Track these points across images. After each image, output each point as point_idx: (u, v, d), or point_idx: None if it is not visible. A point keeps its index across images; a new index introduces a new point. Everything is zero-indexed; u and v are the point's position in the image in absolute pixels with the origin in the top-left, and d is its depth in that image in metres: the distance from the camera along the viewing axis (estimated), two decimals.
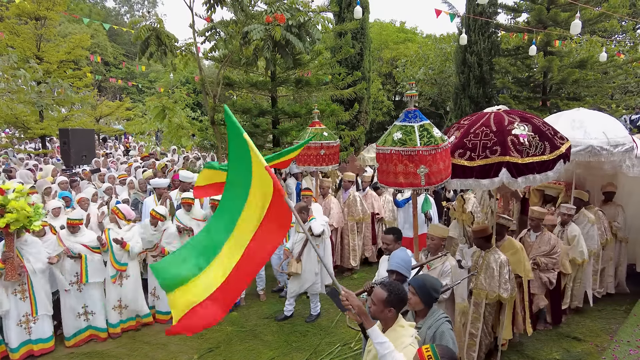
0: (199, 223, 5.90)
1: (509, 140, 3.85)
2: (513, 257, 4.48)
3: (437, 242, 4.09)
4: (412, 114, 3.81)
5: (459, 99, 15.58)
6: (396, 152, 3.66)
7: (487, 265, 4.27)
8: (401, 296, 2.50)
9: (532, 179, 3.83)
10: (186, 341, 5.22)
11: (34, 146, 18.43)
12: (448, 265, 3.96)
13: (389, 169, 3.76)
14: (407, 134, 3.68)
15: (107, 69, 33.35)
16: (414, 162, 3.60)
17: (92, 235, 5.20)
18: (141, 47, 7.31)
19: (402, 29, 27.24)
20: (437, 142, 3.60)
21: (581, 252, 5.36)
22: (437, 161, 3.60)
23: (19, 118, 12.90)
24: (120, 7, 49.54)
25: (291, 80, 9.14)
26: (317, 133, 6.37)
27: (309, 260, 5.46)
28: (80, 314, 5.10)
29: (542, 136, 3.95)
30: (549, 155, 3.87)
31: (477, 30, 14.71)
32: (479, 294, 4.30)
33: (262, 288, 6.39)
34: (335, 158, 6.59)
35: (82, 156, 10.08)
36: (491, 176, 3.83)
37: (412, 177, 3.64)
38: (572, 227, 5.45)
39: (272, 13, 6.71)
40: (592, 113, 5.61)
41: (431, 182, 3.65)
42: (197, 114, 18.51)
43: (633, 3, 18.86)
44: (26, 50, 13.12)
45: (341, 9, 13.33)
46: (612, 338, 4.97)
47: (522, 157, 3.80)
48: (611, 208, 6.11)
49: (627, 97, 16.06)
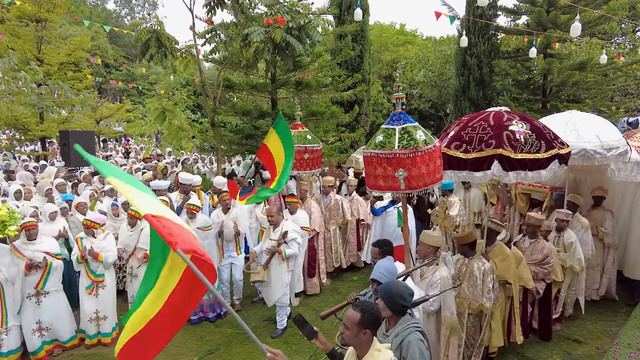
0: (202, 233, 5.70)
1: (504, 135, 3.86)
2: (502, 263, 4.36)
3: (426, 249, 3.94)
4: (397, 117, 3.74)
5: (459, 101, 15.59)
6: (375, 155, 3.62)
7: (471, 273, 4.13)
8: (376, 315, 2.30)
9: (524, 175, 3.81)
10: (186, 343, 5.21)
11: (34, 148, 18.44)
12: (438, 276, 3.81)
13: (370, 172, 3.73)
14: (388, 136, 3.63)
15: (108, 71, 33.40)
16: (392, 165, 3.53)
17: (52, 242, 4.92)
18: (141, 49, 7.32)
19: (402, 31, 27.32)
20: (417, 145, 3.48)
21: (579, 260, 5.21)
22: (418, 165, 3.49)
23: (19, 120, 12.89)
24: (121, 9, 49.66)
25: (291, 82, 9.16)
26: (299, 136, 6.10)
27: (280, 271, 5.22)
28: (34, 330, 4.73)
29: (539, 135, 3.93)
30: (543, 153, 3.84)
31: (477, 33, 14.73)
32: (461, 303, 4.17)
33: (238, 297, 6.13)
34: (319, 162, 6.39)
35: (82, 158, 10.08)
36: (484, 169, 3.82)
37: (391, 180, 3.57)
38: (569, 233, 5.28)
39: (272, 15, 6.73)
40: (585, 116, 5.53)
41: (412, 187, 3.55)
42: (198, 116, 18.54)
43: (633, 5, 18.92)
44: (27, 52, 13.13)
45: (341, 11, 13.36)
46: (612, 340, 4.96)
47: (515, 152, 3.78)
48: (599, 213, 5.94)
49: (627, 99, 16.07)
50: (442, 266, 3.91)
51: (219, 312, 5.79)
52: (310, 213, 6.46)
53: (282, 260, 5.21)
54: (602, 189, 5.93)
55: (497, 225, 4.58)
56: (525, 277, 4.49)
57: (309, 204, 6.63)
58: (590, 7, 12.71)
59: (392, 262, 3.33)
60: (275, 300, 5.29)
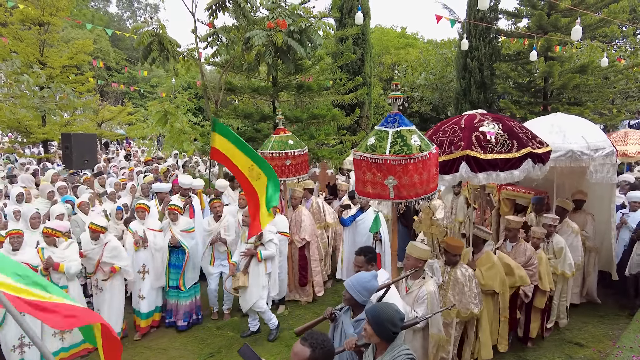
0: (156, 234, 5.51)
1: (473, 136, 3.77)
2: (489, 272, 4.19)
3: (414, 263, 3.57)
4: (392, 118, 3.46)
5: (460, 104, 15.61)
6: (365, 159, 3.34)
7: (455, 280, 3.97)
8: (328, 351, 2.00)
9: (495, 176, 3.70)
10: (187, 346, 5.22)
11: (36, 151, 18.50)
12: (424, 291, 3.49)
13: (359, 177, 3.49)
14: (380, 139, 3.35)
15: (110, 74, 33.51)
16: (381, 172, 3.25)
17: (32, 252, 4.64)
18: (143, 52, 7.35)
19: (403, 35, 27.40)
20: (410, 152, 3.19)
21: (570, 265, 5.10)
22: (410, 173, 3.20)
23: (21, 123, 12.95)
24: (123, 12, 49.85)
25: (292, 85, 9.18)
26: (281, 141, 5.77)
27: (257, 274, 5.08)
28: (15, 347, 4.40)
29: (511, 135, 3.82)
30: (515, 153, 3.73)
31: (478, 36, 14.78)
32: (448, 314, 3.95)
33: (228, 307, 5.93)
34: (304, 168, 5.98)
35: (84, 160, 10.11)
36: (453, 171, 3.72)
37: (380, 188, 3.31)
38: (557, 238, 5.16)
39: (274, 19, 6.76)
40: (570, 118, 5.47)
41: (402, 196, 3.27)
42: (199, 118, 18.59)
43: (633, 9, 18.95)
44: (29, 56, 13.19)
45: (342, 14, 13.41)
46: (614, 344, 4.94)
47: (485, 153, 3.67)
48: (580, 216, 5.84)
49: (628, 102, 16.08)
50: (429, 280, 3.61)
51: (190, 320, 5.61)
52: (301, 221, 6.14)
53: (259, 262, 5.07)
54: (582, 192, 5.87)
55: (483, 232, 4.43)
56: (524, 275, 4.39)
57: (300, 211, 6.28)
58: (591, 11, 12.74)
59: (373, 277, 2.80)
60: (252, 305, 5.07)
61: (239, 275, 5.07)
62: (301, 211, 6.28)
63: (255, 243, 5.10)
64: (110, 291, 5.08)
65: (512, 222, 4.82)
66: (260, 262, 5.09)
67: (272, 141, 5.84)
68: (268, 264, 5.20)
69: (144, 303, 5.40)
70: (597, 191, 5.94)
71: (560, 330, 5.29)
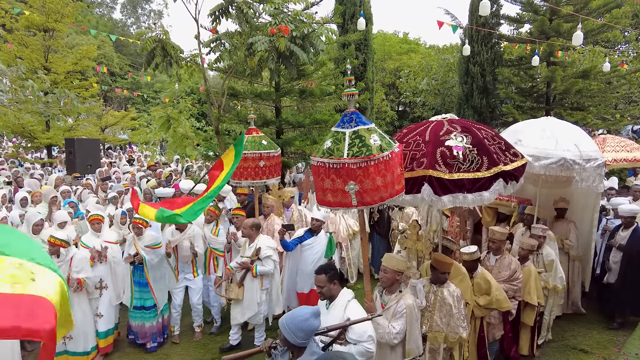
0: (112, 247, 5.16)
1: (438, 152, 3.36)
2: (461, 284, 3.92)
3: (391, 275, 3.34)
4: (348, 118, 3.10)
5: (463, 109, 15.61)
6: (322, 165, 2.98)
7: (442, 301, 3.60)
8: None
9: (463, 198, 3.27)
10: (189, 351, 5.21)
11: (39, 155, 18.60)
12: (402, 305, 3.26)
13: (318, 185, 3.12)
14: (337, 142, 3.01)
15: (113, 79, 33.72)
16: (341, 177, 2.91)
17: None
18: (147, 58, 7.39)
19: (406, 40, 27.47)
20: (370, 153, 2.87)
21: (561, 278, 4.89)
22: (372, 176, 2.88)
23: (25, 128, 13.06)
24: (127, 18, 50.30)
25: (295, 90, 9.21)
26: (254, 141, 5.46)
27: (251, 288, 4.85)
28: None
29: (481, 150, 3.41)
30: (484, 172, 3.32)
31: (480, 41, 14.80)
32: (435, 338, 3.60)
33: (199, 324, 5.60)
34: (277, 170, 5.65)
35: (88, 165, 10.17)
36: (414, 192, 3.30)
37: (341, 195, 2.96)
38: (548, 250, 4.92)
39: (277, 25, 6.79)
40: (563, 123, 5.23)
41: (365, 202, 2.95)
42: (202, 124, 18.62)
43: (635, 14, 18.97)
44: (34, 62, 13.33)
45: (345, 20, 13.48)
46: (619, 350, 4.91)
47: (450, 172, 3.27)
48: (563, 225, 5.65)
49: (631, 107, 16.03)
50: (407, 293, 3.37)
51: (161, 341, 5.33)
52: (274, 231, 5.64)
53: (254, 278, 4.84)
54: (564, 200, 5.66)
55: (451, 242, 4.22)
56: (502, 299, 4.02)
57: (272, 220, 5.87)
58: (593, 16, 12.75)
59: (312, 315, 2.32)
60: (248, 317, 4.92)
61: (234, 287, 4.84)
62: (273, 220, 5.89)
63: (252, 257, 4.82)
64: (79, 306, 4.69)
65: (496, 234, 4.49)
66: (255, 278, 4.85)
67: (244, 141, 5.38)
68: (265, 281, 4.94)
69: (102, 321, 4.97)
70: (581, 199, 5.72)
71: (565, 336, 5.25)
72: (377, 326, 3.19)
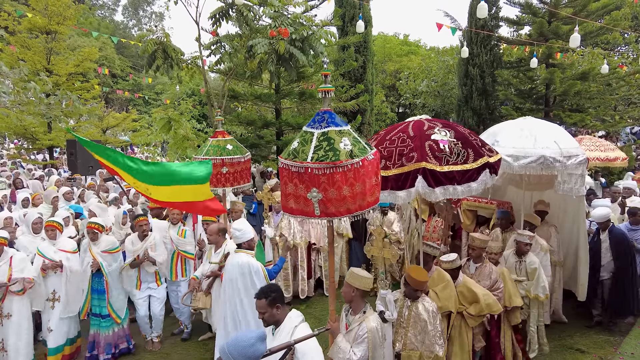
0: (69, 256, 4.70)
1: (426, 146, 3.36)
2: (444, 292, 3.72)
3: (350, 290, 3.03)
4: (320, 117, 2.81)
5: (462, 111, 15.67)
6: (286, 167, 2.70)
7: (417, 317, 3.36)
8: None
9: (453, 190, 3.29)
10: (189, 350, 5.25)
11: (40, 157, 18.68)
12: (364, 328, 2.91)
13: (282, 189, 2.86)
14: (303, 143, 2.72)
15: (115, 81, 33.84)
16: (304, 183, 2.62)
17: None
18: (148, 60, 7.48)
19: (406, 42, 27.56)
20: (337, 158, 2.55)
21: (544, 288, 4.54)
22: (337, 185, 2.56)
23: (27, 129, 13.14)
24: (128, 20, 50.49)
25: (295, 92, 9.29)
26: (218, 146, 5.00)
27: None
28: None
29: (465, 143, 3.47)
30: (472, 163, 3.36)
31: (479, 43, 14.86)
32: (409, 357, 3.39)
33: (157, 335, 5.33)
34: (244, 176, 5.18)
35: (89, 167, 10.23)
36: (407, 186, 3.26)
37: (303, 202, 2.66)
38: (531, 258, 4.60)
39: (276, 27, 6.87)
40: (541, 122, 5.00)
41: (329, 213, 2.64)
42: (203, 125, 18.71)
43: (635, 16, 19.03)
44: (37, 64, 13.41)
45: (344, 23, 13.55)
46: (616, 350, 4.94)
47: (440, 165, 3.28)
48: (543, 229, 5.29)
49: (630, 108, 16.09)
50: (371, 315, 3.02)
51: (115, 352, 4.97)
52: None
53: None
54: (544, 203, 5.41)
55: (433, 248, 3.99)
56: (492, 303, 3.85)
57: None
58: (592, 18, 12.80)
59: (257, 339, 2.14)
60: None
61: (200, 296, 4.59)
62: None
63: (220, 263, 4.51)
64: (19, 315, 4.38)
65: (476, 240, 4.23)
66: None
67: (207, 145, 5.07)
68: None
69: (52, 336, 4.63)
70: (561, 202, 5.52)
71: (562, 336, 5.28)
72: (337, 350, 2.93)
